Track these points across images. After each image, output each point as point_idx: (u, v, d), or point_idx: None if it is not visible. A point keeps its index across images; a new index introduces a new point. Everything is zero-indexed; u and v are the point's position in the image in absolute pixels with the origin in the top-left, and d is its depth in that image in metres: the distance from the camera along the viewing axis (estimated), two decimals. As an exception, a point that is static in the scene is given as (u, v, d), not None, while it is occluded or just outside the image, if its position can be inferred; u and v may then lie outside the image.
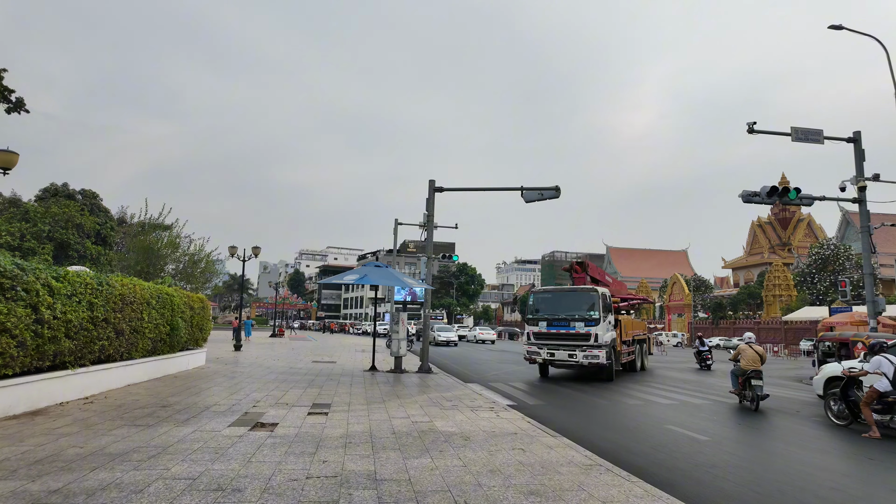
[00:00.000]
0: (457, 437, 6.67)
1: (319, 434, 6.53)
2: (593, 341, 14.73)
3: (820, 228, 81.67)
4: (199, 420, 7.14)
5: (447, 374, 15.71)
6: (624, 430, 8.44)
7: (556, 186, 15.96)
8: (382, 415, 8.06)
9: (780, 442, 7.91)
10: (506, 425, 7.57)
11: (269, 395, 9.68)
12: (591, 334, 14.76)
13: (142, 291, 10.69)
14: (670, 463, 6.38)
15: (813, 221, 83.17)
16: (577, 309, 15.25)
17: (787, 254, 75.36)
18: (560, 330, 15.31)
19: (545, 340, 15.60)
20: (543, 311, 15.92)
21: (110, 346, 9.42)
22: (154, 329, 11.29)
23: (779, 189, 15.55)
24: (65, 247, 30.60)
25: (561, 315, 15.48)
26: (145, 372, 11.24)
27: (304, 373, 14.05)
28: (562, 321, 15.35)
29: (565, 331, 15.20)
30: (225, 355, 19.70)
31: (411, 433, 6.79)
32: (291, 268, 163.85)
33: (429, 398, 10.12)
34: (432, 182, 16.53)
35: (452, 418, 7.98)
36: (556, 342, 15.37)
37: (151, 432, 6.27)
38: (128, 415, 7.33)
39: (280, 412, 7.97)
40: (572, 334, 15.06)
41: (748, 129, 16.10)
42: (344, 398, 9.68)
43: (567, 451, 6.20)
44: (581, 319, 15.01)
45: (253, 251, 24.64)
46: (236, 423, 7.06)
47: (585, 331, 14.85)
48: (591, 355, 14.64)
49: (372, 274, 14.04)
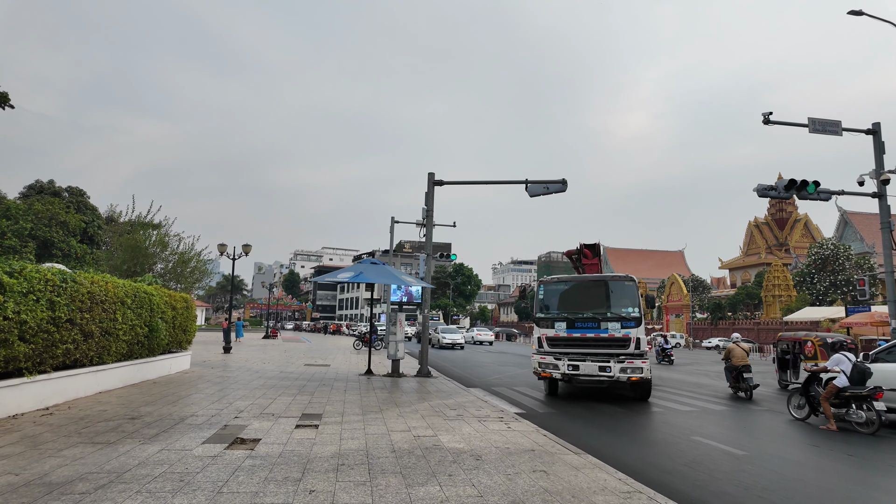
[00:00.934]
0: (466, 455, 5.79)
1: (307, 453, 5.63)
2: (634, 348, 11.02)
3: (817, 229, 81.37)
4: (170, 435, 6.22)
5: (447, 378, 14.83)
6: (649, 443, 7.58)
7: (562, 179, 15.12)
8: (380, 427, 7.16)
9: (825, 458, 7.08)
10: (520, 440, 6.70)
11: (255, 404, 8.76)
12: (631, 338, 11.02)
13: (115, 289, 9.74)
14: (715, 486, 5.52)
15: (810, 221, 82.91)
16: (608, 304, 11.57)
17: (785, 254, 74.97)
18: (587, 333, 11.34)
19: (566, 348, 11.44)
20: (559, 307, 12.00)
21: (77, 350, 8.47)
22: (130, 331, 10.34)
23: (797, 182, 14.78)
24: (48, 245, 29.51)
25: (587, 313, 11.56)
26: (120, 378, 10.29)
27: (296, 377, 13.13)
28: (589, 321, 11.37)
29: (594, 334, 11.27)
30: (213, 358, 18.73)
31: (414, 451, 5.90)
32: (286, 268, 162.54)
33: (430, 406, 9.24)
34: (431, 175, 15.66)
35: (459, 431, 7.10)
36: (582, 350, 11.31)
37: (109, 452, 5.35)
38: (88, 429, 6.40)
39: (264, 425, 7.07)
40: (604, 339, 11.19)
41: (763, 121, 15.34)
42: (337, 407, 8.78)
43: (596, 472, 5.33)
44: (616, 318, 11.22)
45: (243, 249, 23.67)
46: (212, 438, 6.15)
47: (623, 334, 11.06)
48: (633, 368, 10.84)
49: (368, 271, 13.15)
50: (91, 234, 35.45)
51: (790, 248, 76.12)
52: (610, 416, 9.85)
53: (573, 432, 7.95)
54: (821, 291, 52.02)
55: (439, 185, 15.61)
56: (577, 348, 11.39)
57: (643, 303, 11.70)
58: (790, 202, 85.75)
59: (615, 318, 11.27)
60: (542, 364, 11.71)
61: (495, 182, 16.33)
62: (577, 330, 11.47)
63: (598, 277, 12.45)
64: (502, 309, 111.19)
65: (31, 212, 29.45)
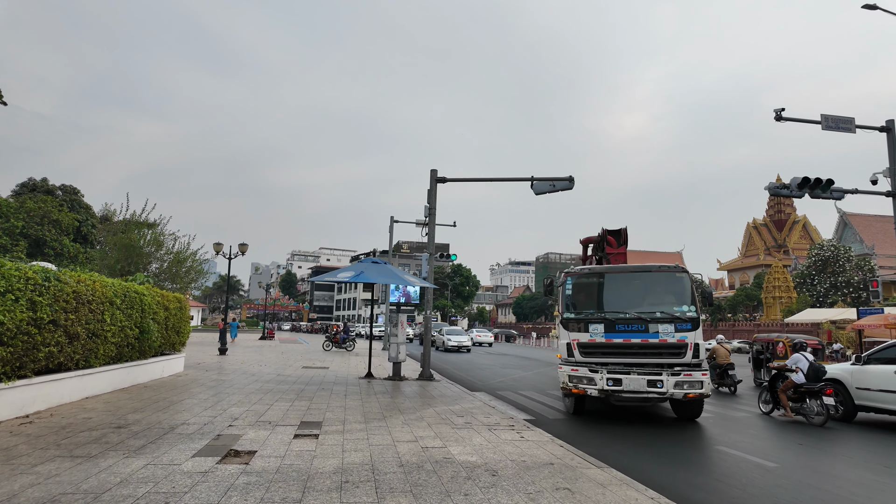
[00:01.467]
0: (481, 470, 5.31)
1: (307, 468, 5.15)
2: (692, 356, 8.91)
3: (815, 230, 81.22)
4: (158, 447, 5.73)
5: (450, 381, 14.35)
6: (672, 454, 7.11)
7: (569, 177, 14.68)
8: (384, 437, 6.68)
9: (861, 469, 6.62)
10: (536, 451, 6.22)
11: (251, 410, 8.27)
12: (688, 344, 8.93)
13: (103, 289, 9.23)
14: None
15: (808, 223, 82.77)
16: (657, 301, 9.49)
17: (784, 255, 74.72)
18: (631, 339, 9.14)
19: (604, 357, 9.21)
20: (594, 305, 9.72)
21: (60, 354, 7.96)
22: (119, 332, 9.83)
23: (811, 181, 14.37)
24: (40, 244, 28.91)
25: (631, 312, 9.30)
26: (109, 382, 9.78)
27: (293, 381, 12.63)
28: (634, 323, 9.17)
29: (641, 339, 9.10)
30: (208, 360, 18.20)
31: (423, 465, 5.42)
32: (283, 269, 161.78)
33: (436, 413, 8.75)
34: (434, 171, 15.19)
35: (469, 441, 6.62)
36: (626, 359, 9.11)
37: (89, 468, 4.86)
38: (69, 440, 5.90)
39: (260, 434, 6.58)
40: (654, 346, 9.04)
41: (776, 117, 14.92)
42: (338, 413, 8.29)
43: (625, 490, 4.86)
44: (669, 319, 9.07)
45: (240, 248, 23.15)
46: (204, 450, 5.66)
47: (678, 339, 8.96)
48: (691, 382, 8.71)
49: (369, 271, 12.65)
50: (85, 233, 34.85)
51: (789, 250, 75.86)
52: (622, 420, 9.37)
53: (589, 441, 7.48)
54: (821, 293, 51.76)
55: (442, 181, 15.14)
56: (619, 357, 9.15)
57: (699, 299, 9.57)
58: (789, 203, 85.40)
59: (667, 318, 9.09)
60: (572, 378, 9.22)
61: (500, 179, 15.87)
62: (618, 334, 9.19)
63: (643, 268, 10.06)
64: (500, 310, 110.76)
65: (23, 210, 28.86)
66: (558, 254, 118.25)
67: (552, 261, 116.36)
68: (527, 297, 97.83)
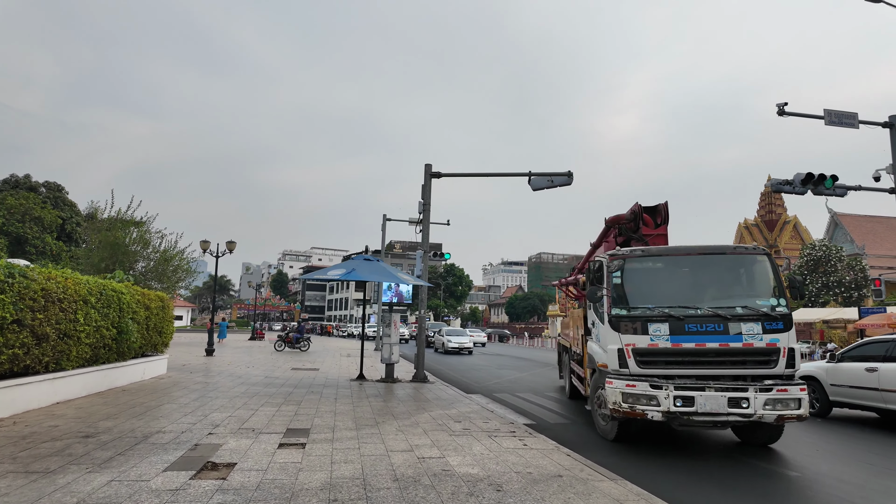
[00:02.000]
0: (484, 484, 4.83)
1: (292, 483, 4.64)
2: (785, 365, 6.83)
3: (806, 230, 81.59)
4: (127, 459, 5.19)
5: (445, 383, 13.87)
6: (687, 463, 6.64)
7: (568, 172, 14.25)
8: (378, 446, 6.18)
9: (887, 479, 6.22)
10: (542, 462, 5.75)
11: (234, 416, 7.73)
12: (780, 350, 6.85)
13: (76, 286, 8.65)
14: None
15: (799, 223, 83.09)
16: (730, 293, 7.36)
17: (775, 255, 75.05)
18: (706, 342, 6.88)
19: (671, 367, 6.95)
20: (652, 298, 7.30)
21: (27, 356, 7.39)
22: (94, 333, 9.24)
23: (815, 176, 14.05)
24: (21, 242, 28.05)
25: (703, 307, 7.07)
26: (83, 386, 9.19)
27: (282, 383, 12.08)
28: (708, 322, 6.94)
29: (718, 343, 6.86)
30: (193, 361, 17.58)
31: (420, 478, 4.93)
32: (274, 269, 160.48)
33: (432, 418, 8.26)
34: (429, 167, 14.70)
35: (469, 450, 6.14)
36: (699, 370, 6.91)
37: (44, 485, 4.32)
38: (28, 452, 5.35)
39: (242, 443, 6.05)
40: (737, 352, 6.85)
41: (778, 112, 14.58)
42: (327, 419, 7.77)
43: (644, 507, 4.40)
44: (755, 317, 6.96)
45: (227, 246, 22.51)
46: (178, 463, 5.13)
47: (767, 342, 6.86)
48: (787, 400, 6.57)
49: (361, 268, 12.13)
50: (69, 231, 33.96)
51: (780, 250, 76.09)
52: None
53: (595, 448, 7.02)
54: (813, 293, 51.87)
55: (437, 177, 14.65)
56: (691, 367, 6.91)
57: (788, 292, 7.34)
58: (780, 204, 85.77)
59: (753, 315, 6.95)
60: (628, 397, 6.74)
61: (497, 174, 15.41)
62: (689, 336, 6.89)
63: (715, 248, 7.66)
64: (493, 310, 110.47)
65: (3, 206, 27.99)
66: (551, 254, 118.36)
67: (545, 261, 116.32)
68: (519, 297, 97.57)
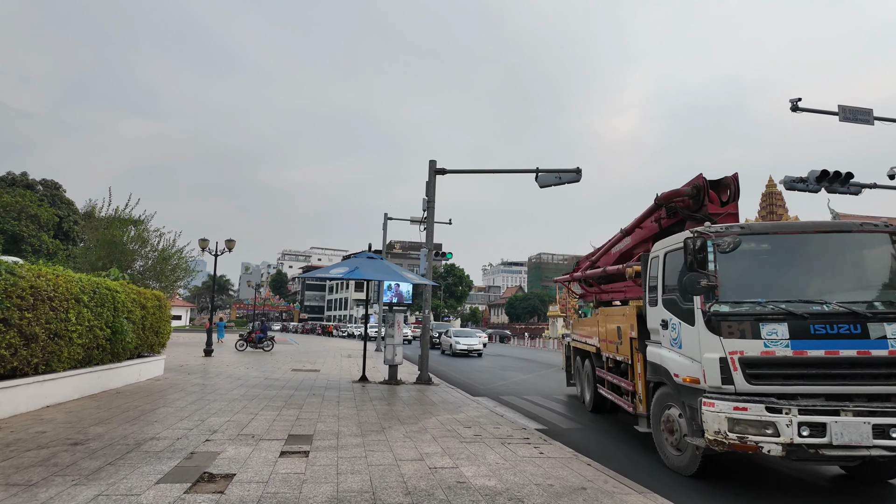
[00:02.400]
0: (503, 498, 4.46)
1: (295, 497, 4.27)
2: None
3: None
4: (117, 470, 4.82)
5: (450, 385, 13.50)
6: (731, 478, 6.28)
7: (576, 168, 13.87)
8: (385, 455, 5.80)
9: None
10: (562, 472, 5.37)
11: (232, 421, 7.36)
12: None
13: (68, 284, 8.28)
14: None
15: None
16: (859, 285, 5.62)
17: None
18: (839, 350, 5.05)
19: (793, 383, 5.08)
20: (762, 290, 5.41)
21: (14, 357, 7.01)
22: (87, 333, 8.87)
23: (829, 174, 13.70)
24: (17, 240, 27.68)
25: (831, 303, 5.19)
26: (75, 388, 8.81)
27: (282, 385, 11.71)
28: (841, 324, 5.10)
29: (855, 351, 5.05)
30: (191, 362, 17.20)
31: (433, 491, 4.56)
32: (274, 269, 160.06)
33: (439, 422, 7.89)
34: (433, 163, 14.33)
35: (483, 459, 5.76)
36: (831, 387, 5.05)
37: (24, 500, 3.94)
38: (10, 462, 4.97)
39: (242, 451, 5.68)
40: (881, 362, 5.03)
41: (791, 108, 14.20)
42: (331, 425, 7.40)
43: (680, 525, 4.03)
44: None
45: (227, 245, 22.13)
46: (172, 474, 4.76)
47: None
48: None
49: (364, 266, 11.76)
50: (66, 230, 33.58)
51: (782, 251, 75.89)
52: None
53: (614, 456, 6.65)
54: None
55: (441, 173, 14.28)
56: (817, 383, 5.08)
57: None
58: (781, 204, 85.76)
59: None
60: (737, 424, 4.97)
61: (503, 171, 15.06)
62: (815, 341, 5.09)
63: (838, 226, 5.98)
64: (493, 310, 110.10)
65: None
66: (551, 254, 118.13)
67: (545, 261, 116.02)
68: (519, 297, 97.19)
